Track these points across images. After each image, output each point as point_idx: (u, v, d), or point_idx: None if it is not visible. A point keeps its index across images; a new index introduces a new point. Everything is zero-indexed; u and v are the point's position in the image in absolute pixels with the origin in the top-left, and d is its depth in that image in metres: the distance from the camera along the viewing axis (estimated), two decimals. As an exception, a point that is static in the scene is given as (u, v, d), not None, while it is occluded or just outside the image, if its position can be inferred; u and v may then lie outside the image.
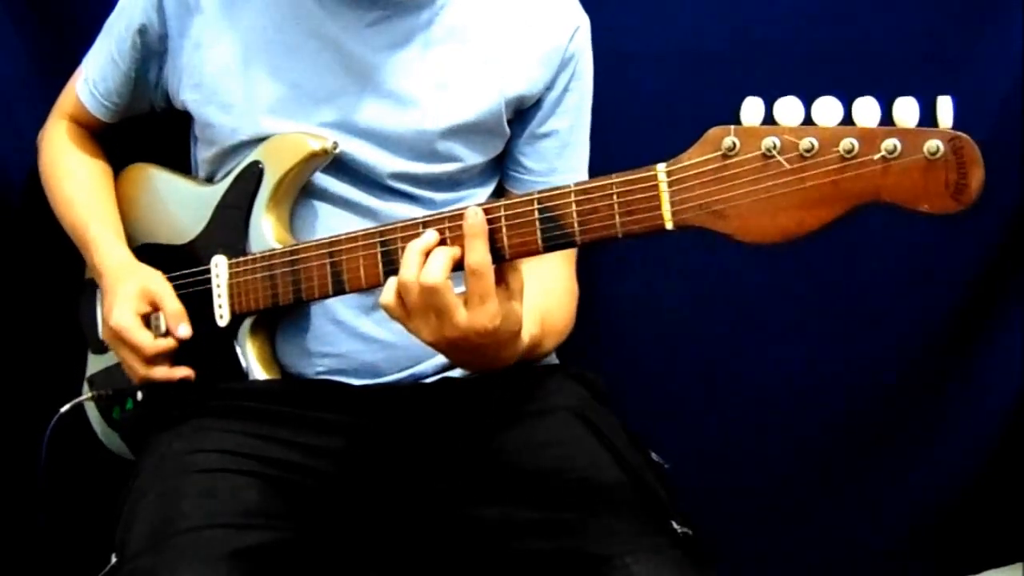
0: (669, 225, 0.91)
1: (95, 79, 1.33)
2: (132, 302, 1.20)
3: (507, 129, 1.27)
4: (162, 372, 1.20)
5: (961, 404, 1.65)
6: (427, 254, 0.99)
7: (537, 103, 1.27)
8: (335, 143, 1.18)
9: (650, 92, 1.52)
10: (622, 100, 1.45)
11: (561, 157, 1.30)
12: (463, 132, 1.23)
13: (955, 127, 0.82)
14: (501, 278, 0.99)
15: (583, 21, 1.29)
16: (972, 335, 1.63)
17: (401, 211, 1.22)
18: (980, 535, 1.68)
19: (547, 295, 1.21)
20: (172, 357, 1.21)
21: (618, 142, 1.41)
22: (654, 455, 1.20)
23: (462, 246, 0.98)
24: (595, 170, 1.33)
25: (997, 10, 1.52)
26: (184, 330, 1.20)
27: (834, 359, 1.62)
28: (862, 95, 1.45)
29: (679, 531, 1.07)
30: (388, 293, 1.01)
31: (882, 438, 1.65)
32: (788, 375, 1.61)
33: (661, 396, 1.61)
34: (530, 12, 1.25)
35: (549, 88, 1.26)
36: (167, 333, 1.21)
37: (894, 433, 1.65)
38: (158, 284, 1.23)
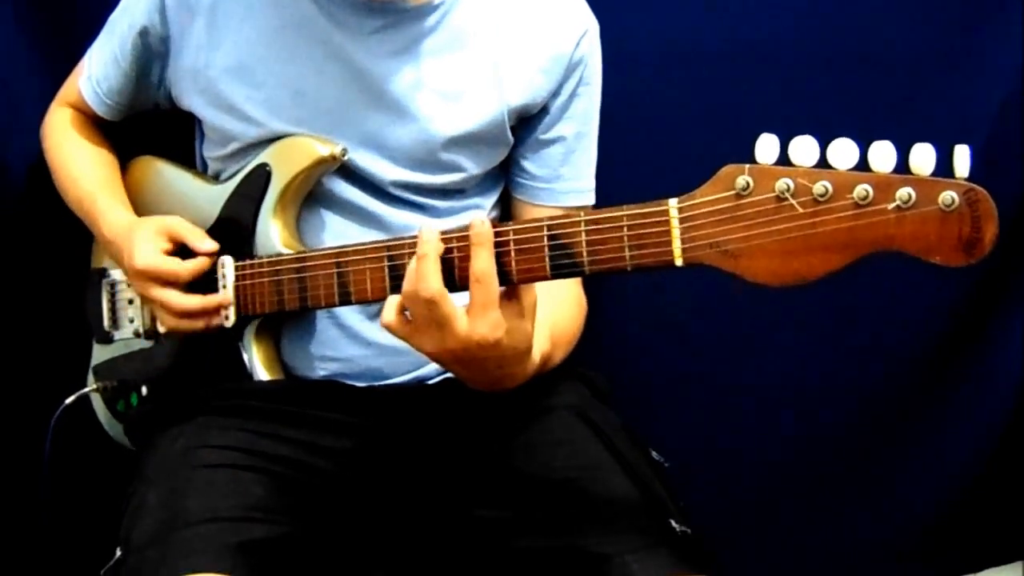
0: (679, 262, 0.90)
1: (98, 77, 1.32)
2: (152, 242, 1.20)
3: (511, 138, 1.25)
4: (198, 301, 1.19)
5: (961, 404, 1.65)
6: None
7: (544, 109, 1.26)
8: (344, 149, 1.18)
9: (656, 96, 1.51)
10: (629, 105, 1.44)
11: (566, 163, 1.28)
12: (466, 142, 1.22)
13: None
14: (513, 294, 0.98)
15: (591, 24, 1.27)
16: (972, 335, 1.63)
17: (406, 218, 1.22)
18: (980, 534, 1.69)
19: (557, 306, 1.20)
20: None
21: (625, 147, 1.41)
22: (654, 453, 1.21)
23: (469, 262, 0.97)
24: (601, 176, 1.33)
25: (997, 10, 1.50)
26: (209, 244, 1.20)
27: (834, 359, 1.62)
28: (863, 95, 1.48)
29: (678, 530, 1.08)
30: (389, 312, 1.00)
31: (882, 437, 1.65)
32: (788, 374, 1.61)
33: (662, 395, 1.61)
34: (536, 17, 1.23)
35: (555, 95, 1.25)
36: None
37: (894, 432, 1.65)
38: (169, 218, 1.23)
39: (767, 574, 1.70)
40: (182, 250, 1.22)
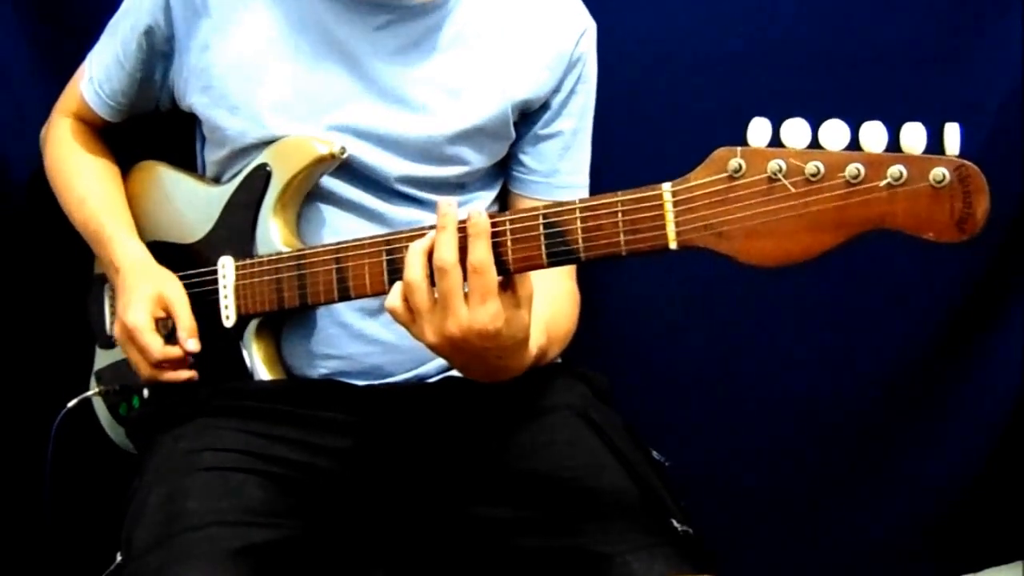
0: (673, 245, 0.91)
1: (100, 79, 1.33)
2: (148, 304, 1.20)
3: (513, 132, 1.27)
4: (167, 375, 1.21)
5: (961, 404, 1.65)
6: (429, 254, 0.99)
7: (544, 105, 1.28)
8: (343, 148, 1.18)
9: (653, 95, 1.52)
10: (625, 103, 1.45)
11: (563, 158, 1.30)
12: (470, 136, 1.23)
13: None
14: (509, 284, 0.99)
15: (590, 24, 1.29)
16: (972, 335, 1.63)
17: (407, 214, 1.23)
18: (980, 533, 1.69)
19: (551, 301, 1.21)
20: (178, 360, 1.22)
21: (621, 144, 1.42)
22: (655, 453, 1.21)
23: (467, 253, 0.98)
24: (597, 173, 1.34)
25: (997, 10, 1.52)
26: (193, 345, 1.20)
27: (835, 358, 1.62)
28: (863, 95, 1.49)
29: (679, 529, 1.08)
30: (394, 297, 1.00)
31: (883, 437, 1.66)
32: (789, 374, 1.62)
33: (663, 394, 1.61)
34: (537, 16, 1.26)
35: (556, 91, 1.27)
36: (172, 334, 1.21)
37: (894, 432, 1.65)
38: (175, 292, 1.23)
39: (767, 574, 1.69)
40: None
